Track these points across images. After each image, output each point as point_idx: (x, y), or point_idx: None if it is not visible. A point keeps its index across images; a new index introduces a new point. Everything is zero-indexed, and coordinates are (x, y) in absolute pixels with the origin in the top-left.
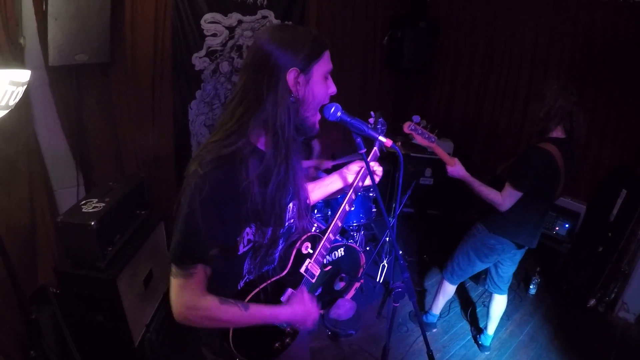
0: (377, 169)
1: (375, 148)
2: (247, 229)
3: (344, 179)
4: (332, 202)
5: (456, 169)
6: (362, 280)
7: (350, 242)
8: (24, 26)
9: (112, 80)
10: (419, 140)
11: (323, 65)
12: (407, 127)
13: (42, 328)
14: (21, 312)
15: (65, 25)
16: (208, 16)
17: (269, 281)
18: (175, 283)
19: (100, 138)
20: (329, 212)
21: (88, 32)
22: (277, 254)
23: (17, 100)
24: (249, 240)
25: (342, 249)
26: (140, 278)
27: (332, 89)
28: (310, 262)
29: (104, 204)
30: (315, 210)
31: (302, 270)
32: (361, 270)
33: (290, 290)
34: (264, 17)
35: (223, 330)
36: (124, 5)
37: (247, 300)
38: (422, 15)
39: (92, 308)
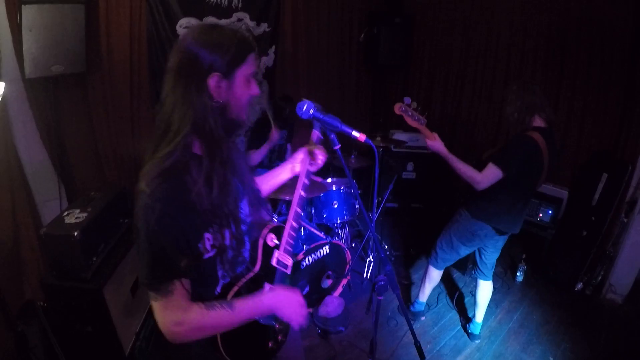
0: (320, 156)
1: (315, 130)
2: (207, 234)
3: (292, 168)
4: (315, 200)
5: (436, 143)
6: (349, 277)
7: (335, 240)
8: None
9: (90, 90)
10: (409, 121)
11: (247, 69)
12: (398, 109)
13: (31, 342)
14: (7, 326)
15: (40, 36)
16: (183, 21)
17: (243, 280)
18: (156, 306)
19: (81, 149)
20: (313, 211)
21: (63, 42)
22: (247, 253)
23: None
24: (212, 246)
25: (327, 247)
26: (127, 287)
27: (255, 90)
28: (279, 253)
29: (86, 214)
30: (299, 210)
31: (274, 262)
32: (347, 267)
33: (268, 285)
34: (239, 20)
35: (212, 342)
36: (98, 14)
37: (228, 299)
38: (397, 12)
39: (80, 319)
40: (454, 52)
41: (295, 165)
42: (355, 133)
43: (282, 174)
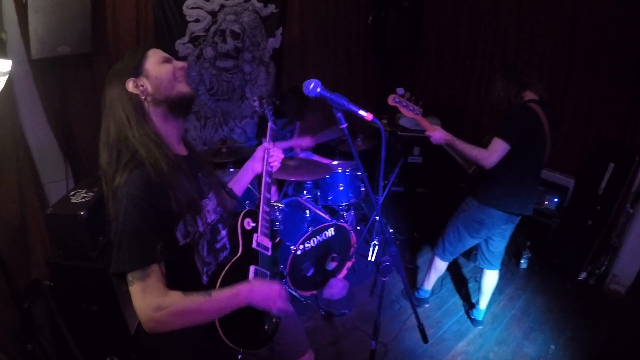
0: (277, 152)
1: (269, 124)
2: (180, 223)
3: (252, 169)
4: (320, 182)
5: (436, 133)
6: (353, 260)
7: (341, 222)
8: (5, 20)
9: (96, 70)
10: (404, 112)
11: (152, 59)
12: (391, 100)
13: (38, 321)
14: (14, 303)
15: (46, 17)
16: (190, 2)
17: (229, 265)
18: (135, 290)
19: (87, 130)
20: (318, 193)
21: (69, 23)
22: (225, 240)
23: None
24: (187, 233)
25: (332, 229)
26: None
27: (177, 64)
28: (257, 236)
29: (92, 194)
30: (305, 192)
31: (254, 245)
32: (352, 250)
33: (253, 267)
34: (246, 1)
35: (212, 331)
36: None
37: (217, 287)
38: None
39: (87, 298)
40: (462, 38)
41: (255, 165)
42: (362, 112)
43: (244, 176)
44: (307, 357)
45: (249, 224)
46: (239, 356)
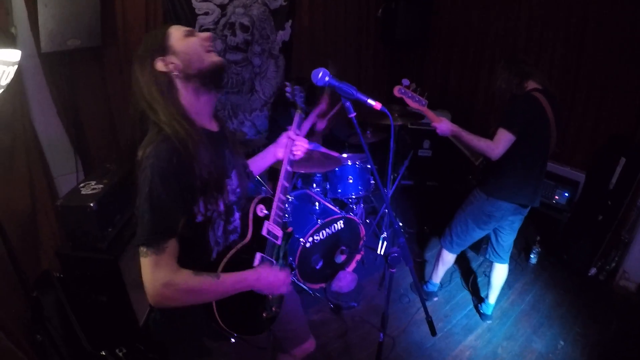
0: (302, 141)
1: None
2: (201, 199)
3: (275, 153)
4: (329, 175)
5: (443, 125)
6: (362, 252)
7: (350, 215)
8: (15, 15)
9: (106, 63)
10: (410, 103)
11: (174, 35)
12: (397, 91)
13: (47, 312)
14: (23, 292)
15: (56, 10)
16: None
17: (235, 249)
18: (147, 263)
19: (97, 123)
20: (327, 186)
21: (78, 16)
22: (237, 222)
23: (8, 80)
24: (205, 210)
25: (341, 221)
26: None
27: (199, 34)
28: (269, 224)
29: (102, 186)
30: (314, 184)
31: (264, 232)
32: (361, 243)
33: (259, 254)
34: None
35: (208, 311)
36: None
37: (220, 269)
38: None
39: (95, 289)
40: (472, 30)
41: (278, 151)
42: (370, 101)
43: (265, 159)
44: (308, 345)
45: (261, 210)
46: (232, 340)
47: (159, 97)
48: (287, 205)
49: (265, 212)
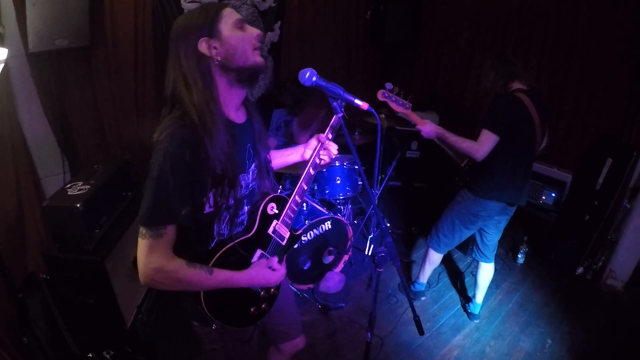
0: (332, 148)
1: (336, 116)
2: (212, 191)
3: (302, 153)
4: (317, 176)
5: (427, 127)
6: (350, 253)
7: (338, 215)
8: (3, 14)
9: (94, 64)
10: (394, 107)
11: (228, 20)
12: (380, 95)
13: (33, 314)
14: (8, 294)
15: (44, 10)
16: None
17: (236, 240)
18: (143, 244)
19: (85, 124)
20: (315, 187)
21: (67, 16)
22: (245, 216)
23: None
24: (215, 202)
25: (329, 222)
26: (129, 259)
27: (252, 30)
28: (277, 223)
29: (89, 187)
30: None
31: (270, 231)
32: (349, 243)
33: (259, 251)
34: None
35: (196, 295)
36: None
37: (216, 257)
38: None
39: (82, 291)
40: (462, 33)
41: (306, 151)
42: (357, 101)
43: (292, 155)
44: (298, 341)
45: (272, 209)
46: (214, 326)
47: (199, 79)
48: (302, 207)
49: (276, 210)
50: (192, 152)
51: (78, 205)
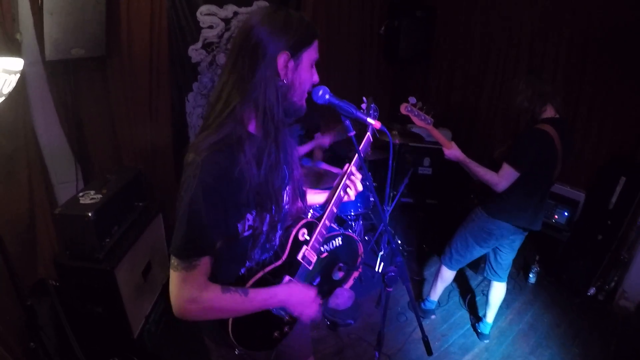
0: (357, 181)
1: (368, 134)
2: (248, 215)
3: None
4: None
5: (453, 151)
6: (360, 270)
7: (348, 232)
8: (21, 22)
9: (109, 73)
10: (416, 121)
11: (312, 53)
12: (404, 109)
13: (42, 320)
14: (17, 300)
15: (61, 19)
16: (204, 8)
17: (267, 269)
18: (176, 277)
19: (99, 132)
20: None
21: (84, 26)
22: (277, 242)
23: (10, 88)
24: (250, 226)
25: (339, 238)
26: (138, 269)
27: (316, 77)
28: (307, 249)
29: (101, 196)
30: None
31: (299, 257)
32: (359, 260)
33: (287, 277)
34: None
35: (222, 322)
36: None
37: (248, 286)
38: (419, 4)
39: (91, 300)
40: (475, 48)
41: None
42: (370, 120)
43: (316, 196)
44: None
45: (303, 234)
46: (237, 351)
47: (274, 94)
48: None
49: (307, 237)
50: (227, 178)
51: (90, 214)
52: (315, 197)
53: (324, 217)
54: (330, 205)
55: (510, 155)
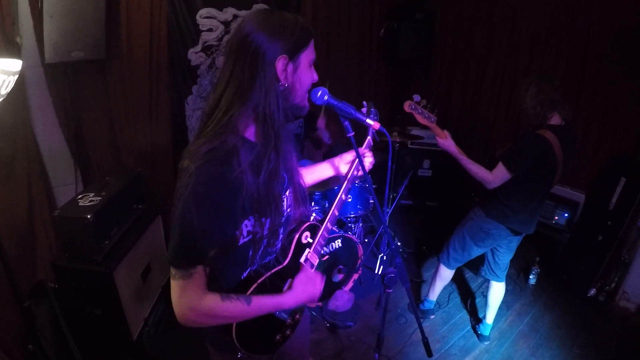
0: (368, 158)
1: (369, 137)
2: (246, 222)
3: (336, 167)
4: (329, 194)
5: (447, 142)
6: (360, 272)
7: (348, 234)
8: (21, 24)
9: (109, 76)
10: (419, 119)
11: (309, 54)
12: (407, 106)
13: (41, 323)
14: (16, 302)
15: (61, 22)
16: (203, 11)
17: (270, 272)
18: (175, 285)
19: (98, 134)
20: (327, 204)
21: (83, 29)
22: (279, 246)
23: (8, 89)
24: (249, 232)
25: (339, 240)
26: (138, 271)
27: (315, 76)
28: (309, 252)
29: (100, 198)
30: (313, 203)
31: (302, 260)
32: (359, 262)
33: (290, 280)
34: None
35: (226, 326)
36: (119, 2)
37: (249, 292)
38: (418, 6)
39: (90, 302)
40: (475, 50)
41: (340, 165)
42: (369, 121)
43: (325, 170)
44: None
45: (306, 237)
46: (239, 355)
47: (275, 100)
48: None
49: (310, 239)
50: (221, 186)
51: (88, 217)
52: (316, 173)
53: (326, 219)
54: (332, 208)
55: (506, 157)
